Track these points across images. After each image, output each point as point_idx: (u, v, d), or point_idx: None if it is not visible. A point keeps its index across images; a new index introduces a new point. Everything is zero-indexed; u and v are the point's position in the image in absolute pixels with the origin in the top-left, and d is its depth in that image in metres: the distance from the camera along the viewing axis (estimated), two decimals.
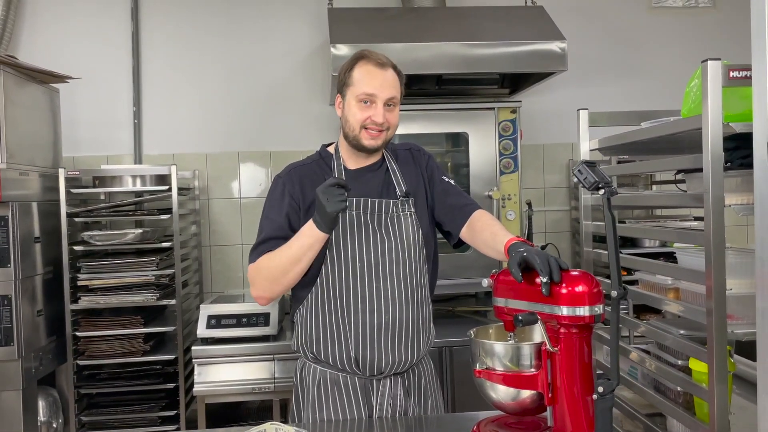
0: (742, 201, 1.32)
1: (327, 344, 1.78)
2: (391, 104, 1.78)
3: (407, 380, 1.83)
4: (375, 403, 1.79)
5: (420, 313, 1.81)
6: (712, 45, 3.71)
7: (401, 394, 1.81)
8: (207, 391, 2.82)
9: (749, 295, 1.23)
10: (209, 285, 3.59)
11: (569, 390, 1.39)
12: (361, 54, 1.80)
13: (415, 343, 1.80)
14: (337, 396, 1.79)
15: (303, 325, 1.84)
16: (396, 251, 1.78)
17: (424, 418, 1.80)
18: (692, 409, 1.46)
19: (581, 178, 1.31)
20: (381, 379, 1.80)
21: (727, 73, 1.23)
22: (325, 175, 1.83)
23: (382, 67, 1.77)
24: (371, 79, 1.75)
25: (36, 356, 2.83)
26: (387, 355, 1.76)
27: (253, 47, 3.60)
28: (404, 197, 1.83)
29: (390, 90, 1.76)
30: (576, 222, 3.67)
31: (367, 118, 1.75)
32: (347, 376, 1.79)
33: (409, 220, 1.82)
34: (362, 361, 1.76)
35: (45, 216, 2.97)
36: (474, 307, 3.27)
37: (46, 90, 3.13)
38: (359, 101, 1.75)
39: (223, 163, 3.59)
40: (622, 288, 1.33)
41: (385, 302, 1.76)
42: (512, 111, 3.15)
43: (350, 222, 1.77)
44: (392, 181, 1.86)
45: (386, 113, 1.76)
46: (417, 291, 1.81)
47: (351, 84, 1.77)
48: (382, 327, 1.76)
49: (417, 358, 1.83)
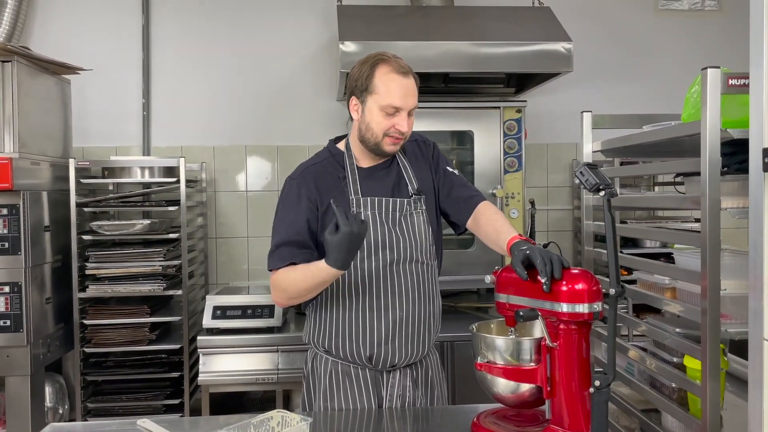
0: (737, 205, 1.36)
1: (339, 340, 1.82)
2: (412, 113, 1.81)
3: (415, 372, 1.88)
4: (385, 394, 1.84)
5: (432, 308, 1.86)
6: (718, 49, 3.75)
7: (410, 386, 1.86)
8: (211, 381, 2.87)
9: (743, 295, 1.27)
10: (214, 276, 3.64)
11: (567, 384, 1.44)
12: (380, 58, 1.78)
13: (425, 337, 1.85)
14: (348, 387, 1.84)
15: (316, 319, 1.87)
16: (409, 249, 1.82)
17: (429, 410, 1.86)
18: (686, 405, 1.50)
19: (583, 180, 1.35)
20: (391, 371, 1.85)
21: (726, 81, 1.26)
22: (338, 173, 1.85)
23: (405, 75, 1.76)
24: (397, 90, 1.75)
25: (44, 343, 2.88)
26: (400, 350, 1.81)
27: (261, 42, 3.64)
28: (416, 195, 1.87)
29: (413, 99, 1.78)
30: (578, 221, 3.71)
31: (392, 127, 1.77)
32: (358, 368, 1.84)
33: (421, 218, 1.86)
34: (376, 357, 1.80)
35: (55, 205, 3.02)
36: (476, 304, 3.31)
37: (57, 81, 3.18)
38: (383, 111, 1.76)
39: (231, 156, 3.64)
40: (620, 286, 1.37)
41: (399, 300, 1.80)
42: (517, 110, 3.19)
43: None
44: (404, 178, 1.89)
45: (409, 121, 1.80)
46: (429, 287, 1.86)
47: (373, 92, 1.76)
48: (396, 324, 1.80)
49: (426, 351, 1.88)
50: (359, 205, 1.80)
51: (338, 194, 1.81)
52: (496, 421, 1.59)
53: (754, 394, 1.17)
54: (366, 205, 1.80)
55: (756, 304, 1.17)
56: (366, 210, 1.80)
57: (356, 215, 1.70)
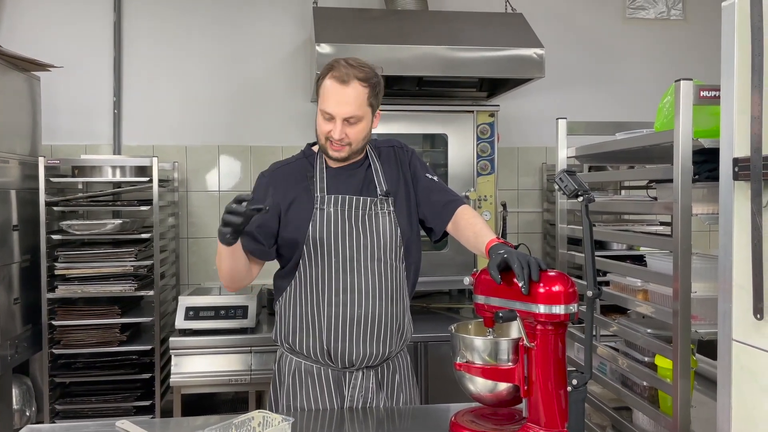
0: (707, 211, 1.42)
1: (302, 336, 1.84)
2: (352, 122, 1.80)
3: (380, 374, 1.89)
4: (346, 394, 1.86)
5: (394, 309, 1.86)
6: (683, 57, 3.88)
7: (373, 387, 1.87)
8: (183, 382, 2.85)
9: (712, 297, 1.32)
10: (186, 277, 3.62)
11: (544, 383, 1.48)
12: (331, 65, 1.82)
13: (387, 338, 1.85)
14: (311, 386, 1.85)
15: (282, 315, 1.90)
16: (372, 247, 1.84)
17: (398, 410, 1.86)
18: (657, 403, 1.56)
19: (562, 186, 1.39)
20: (353, 371, 1.86)
21: (698, 93, 1.32)
22: (307, 173, 1.89)
23: (343, 83, 1.77)
24: (331, 96, 1.78)
25: (12, 344, 2.83)
26: (359, 349, 1.82)
27: (236, 41, 3.63)
28: (384, 196, 1.89)
29: (348, 108, 1.78)
30: (548, 224, 3.79)
31: (329, 132, 1.81)
32: (320, 367, 1.86)
33: (387, 219, 1.88)
34: (334, 353, 1.82)
35: (23, 204, 2.97)
36: (448, 304, 3.36)
37: (27, 78, 3.12)
38: (322, 116, 1.81)
39: (203, 156, 3.62)
40: (598, 288, 1.42)
41: (359, 297, 1.82)
42: (490, 114, 3.24)
43: (327, 218, 1.83)
44: (373, 179, 1.91)
45: (346, 129, 1.80)
46: (392, 287, 1.87)
47: (318, 95, 1.83)
48: (354, 321, 1.81)
49: (389, 352, 1.88)
50: (323, 203, 1.83)
51: (303, 192, 1.85)
52: (474, 420, 1.62)
53: (722, 391, 1.23)
54: (330, 202, 1.83)
55: (725, 305, 1.22)
56: (329, 207, 1.83)
57: (258, 202, 1.69)
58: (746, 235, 1.16)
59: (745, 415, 1.19)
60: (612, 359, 1.66)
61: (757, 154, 1.12)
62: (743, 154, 1.16)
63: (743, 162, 1.15)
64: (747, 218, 1.15)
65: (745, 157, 1.15)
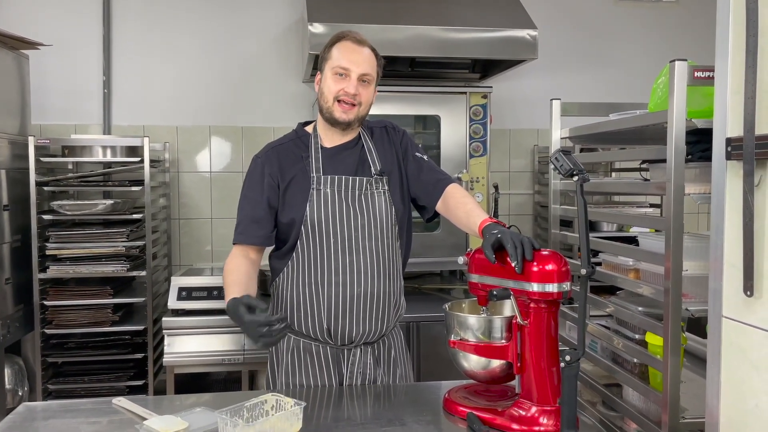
0: (700, 191, 1.44)
1: (301, 315, 1.86)
2: (366, 80, 1.85)
3: (377, 350, 1.92)
4: (345, 371, 1.88)
5: (391, 286, 1.90)
6: (675, 39, 3.89)
7: (371, 363, 1.90)
8: (177, 362, 2.87)
9: (702, 276, 1.35)
10: (177, 258, 3.61)
11: (536, 360, 1.50)
12: (342, 33, 1.88)
13: (385, 314, 1.89)
14: (309, 363, 1.88)
15: (279, 296, 1.91)
16: (369, 227, 1.86)
17: (393, 387, 1.89)
18: (647, 380, 1.59)
19: (558, 165, 1.41)
20: (351, 348, 1.88)
21: (692, 73, 1.33)
22: (302, 153, 1.90)
23: (359, 44, 1.85)
24: (348, 54, 1.83)
25: (3, 324, 2.82)
26: (359, 326, 1.85)
27: (227, 21, 3.60)
28: (378, 175, 1.90)
29: (365, 66, 1.84)
30: (539, 206, 3.81)
31: (341, 90, 1.83)
32: (319, 344, 1.88)
33: (382, 198, 1.90)
34: (334, 331, 1.84)
35: (13, 184, 2.95)
36: (439, 285, 3.38)
37: (15, 56, 3.08)
38: (335, 74, 1.83)
39: (194, 136, 3.60)
40: (591, 267, 1.44)
41: (358, 275, 1.84)
42: (483, 96, 3.24)
43: (324, 198, 1.84)
44: (367, 159, 1.92)
45: (360, 87, 1.84)
46: (389, 265, 1.89)
47: (329, 59, 1.86)
48: (354, 299, 1.84)
49: (386, 328, 1.92)
50: (320, 183, 1.84)
51: (300, 173, 1.87)
52: (467, 396, 1.65)
53: (712, 367, 1.26)
54: (326, 182, 1.84)
55: (716, 284, 1.25)
56: (326, 187, 1.84)
57: (273, 316, 1.63)
58: (738, 214, 1.17)
59: (734, 390, 1.22)
60: (604, 337, 1.69)
61: (750, 134, 1.14)
62: (736, 134, 1.18)
63: (736, 142, 1.17)
64: (739, 197, 1.17)
65: (738, 137, 1.17)
